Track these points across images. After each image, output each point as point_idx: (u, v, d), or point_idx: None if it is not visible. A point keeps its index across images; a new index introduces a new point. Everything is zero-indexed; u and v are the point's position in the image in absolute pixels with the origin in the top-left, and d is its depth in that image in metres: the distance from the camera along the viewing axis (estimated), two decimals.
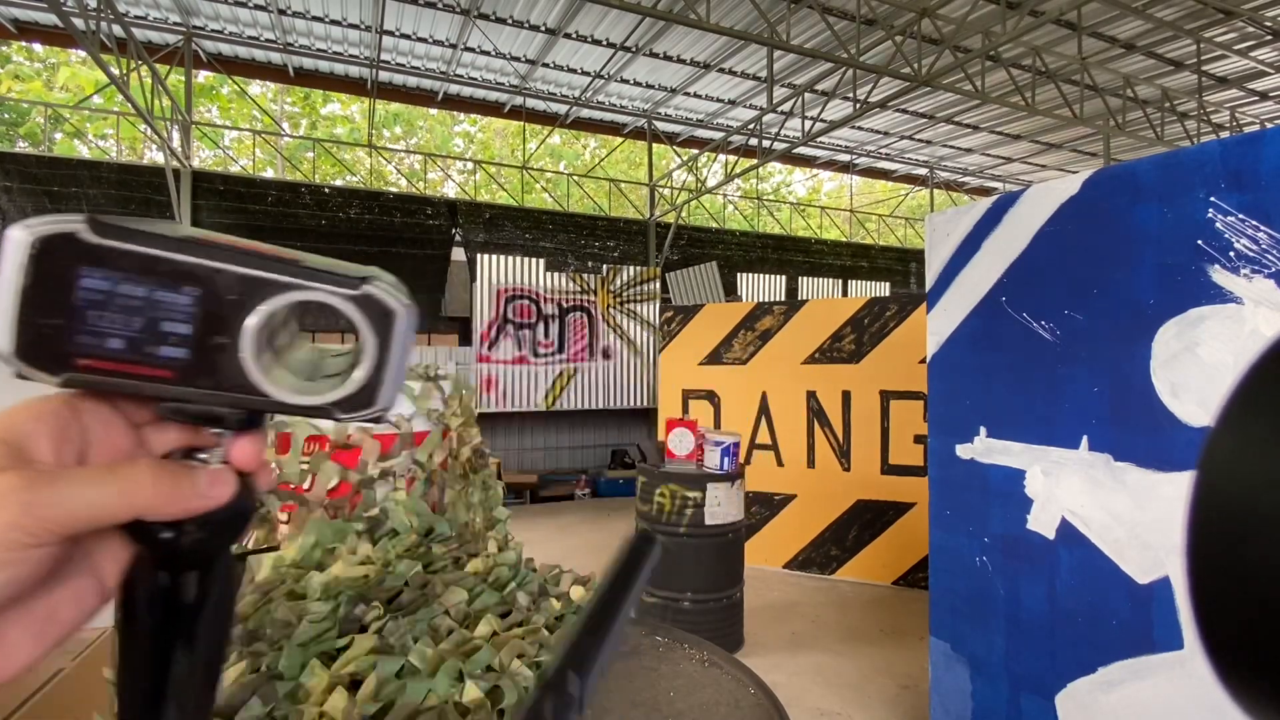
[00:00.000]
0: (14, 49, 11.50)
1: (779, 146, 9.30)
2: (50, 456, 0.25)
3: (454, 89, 8.86)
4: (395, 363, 0.28)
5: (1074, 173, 2.16)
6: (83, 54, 8.87)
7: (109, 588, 0.28)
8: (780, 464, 5.37)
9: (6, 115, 11.57)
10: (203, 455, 0.28)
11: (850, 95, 7.78)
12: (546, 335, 8.50)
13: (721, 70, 8.15)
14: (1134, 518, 1.94)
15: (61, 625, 0.26)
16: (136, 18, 7.06)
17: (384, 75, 8.39)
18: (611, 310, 8.65)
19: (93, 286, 0.25)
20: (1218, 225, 1.77)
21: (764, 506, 5.40)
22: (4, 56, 11.71)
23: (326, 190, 8.12)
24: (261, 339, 0.27)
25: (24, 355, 0.24)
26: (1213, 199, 1.78)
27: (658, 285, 8.78)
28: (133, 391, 0.26)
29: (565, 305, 8.64)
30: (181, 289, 0.26)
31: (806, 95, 8.56)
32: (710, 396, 5.70)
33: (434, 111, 13.52)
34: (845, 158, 11.72)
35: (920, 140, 10.66)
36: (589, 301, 8.72)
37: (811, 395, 5.27)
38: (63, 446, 0.26)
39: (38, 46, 10.64)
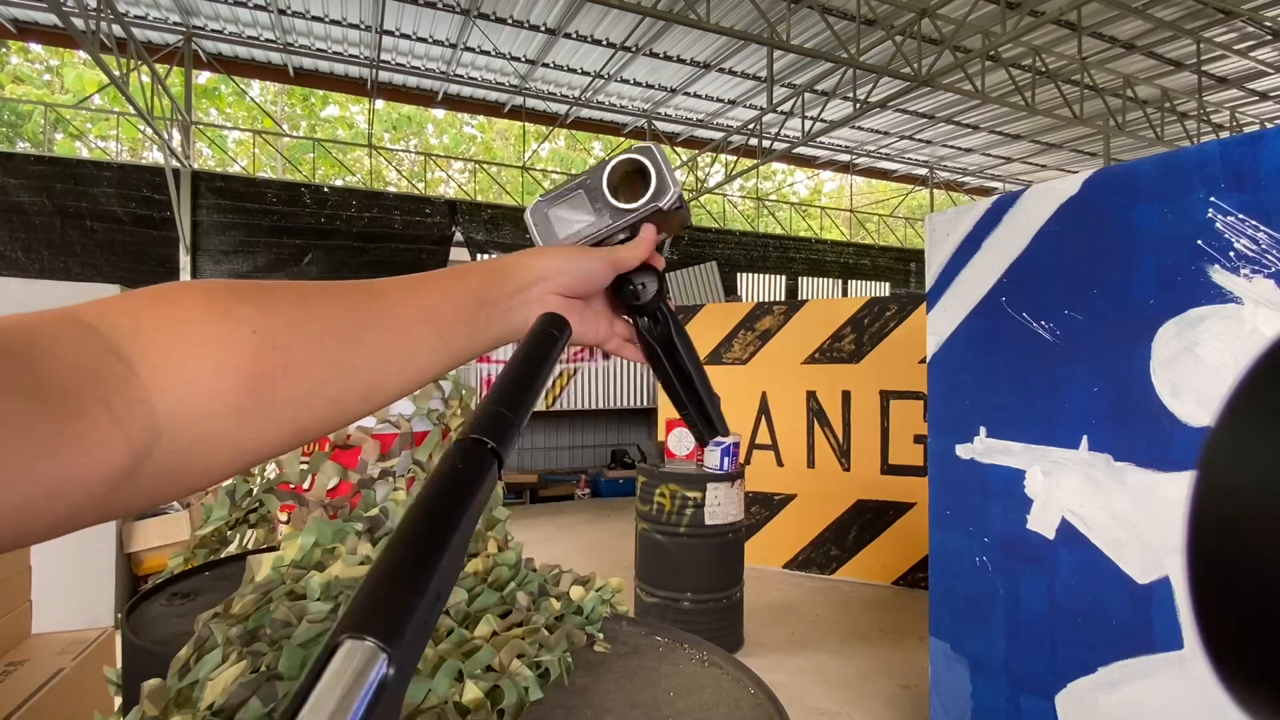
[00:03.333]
0: (14, 49, 11.50)
1: (779, 146, 9.30)
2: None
3: (454, 89, 8.86)
4: (662, 170, 0.52)
5: (1074, 173, 2.16)
6: (85, 56, 8.87)
7: (600, 337, 0.55)
8: (780, 464, 5.37)
9: (7, 117, 11.57)
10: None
11: (850, 95, 7.79)
12: None
13: (721, 70, 8.15)
14: (1134, 518, 1.94)
15: (588, 333, 0.54)
16: (136, 18, 7.06)
17: (384, 75, 8.39)
18: None
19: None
20: (1218, 225, 1.77)
21: (764, 506, 5.40)
22: (2, 58, 11.71)
23: (326, 190, 8.12)
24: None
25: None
26: (1213, 199, 1.78)
27: None
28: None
29: None
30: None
31: (806, 95, 8.57)
32: None
33: (440, 114, 13.53)
34: (845, 158, 11.72)
35: (920, 140, 10.66)
36: None
37: (811, 395, 5.27)
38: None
39: (37, 47, 10.64)
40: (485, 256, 8.59)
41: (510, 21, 7.04)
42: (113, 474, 0.27)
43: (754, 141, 9.32)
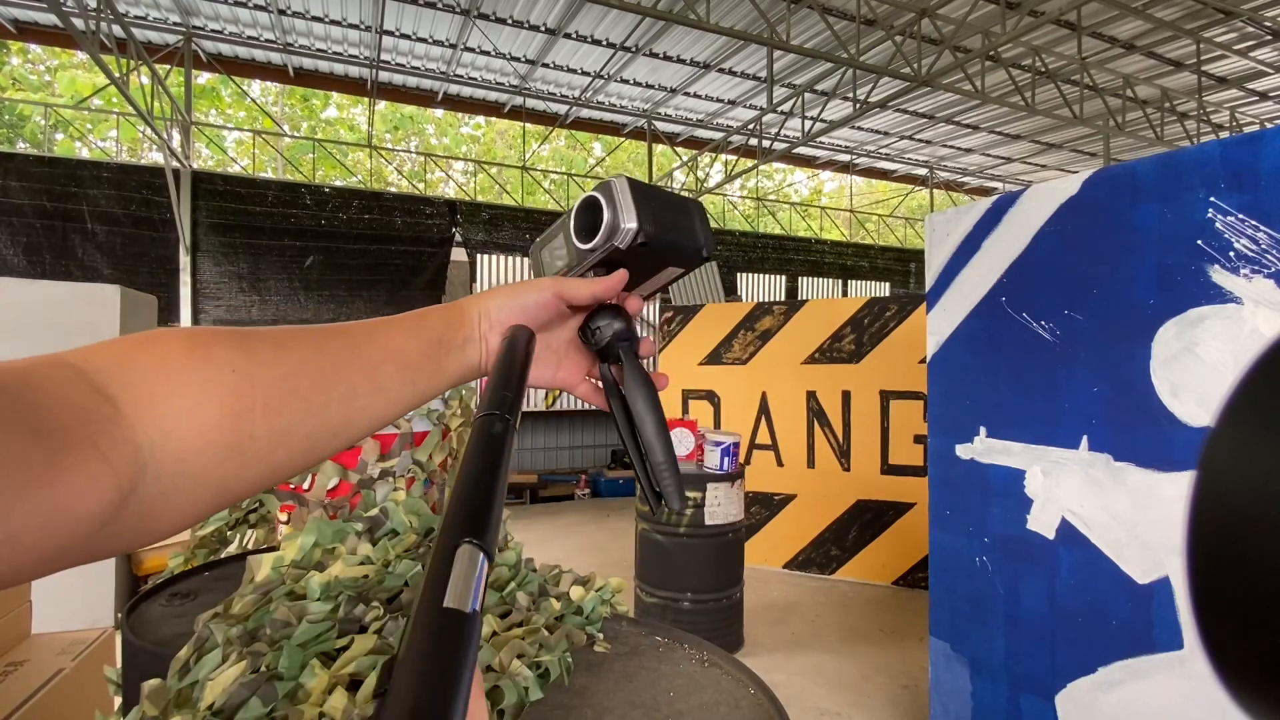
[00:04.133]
0: (14, 51, 11.50)
1: (779, 146, 9.30)
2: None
3: (454, 89, 8.86)
4: (616, 208, 0.49)
5: (1074, 173, 2.16)
6: (82, 58, 8.86)
7: (562, 379, 0.55)
8: (780, 464, 5.37)
9: (7, 118, 11.58)
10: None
11: (850, 95, 7.79)
12: None
13: (721, 70, 8.15)
14: (1134, 518, 1.94)
15: (542, 374, 0.55)
16: (136, 18, 7.06)
17: (384, 75, 8.39)
18: None
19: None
20: (1218, 225, 1.77)
21: (764, 506, 5.40)
22: (2, 59, 11.71)
23: (326, 190, 8.11)
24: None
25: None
26: (1213, 199, 1.78)
27: None
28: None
29: None
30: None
31: (806, 95, 8.56)
32: (710, 396, 5.70)
33: (439, 114, 13.53)
34: (845, 158, 11.72)
35: (920, 140, 10.66)
36: None
37: (811, 395, 5.27)
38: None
39: (36, 48, 10.64)
40: (485, 257, 8.60)
41: (510, 21, 7.04)
42: (100, 508, 0.28)
43: (754, 141, 9.32)
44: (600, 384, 0.56)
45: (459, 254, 8.61)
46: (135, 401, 0.31)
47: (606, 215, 0.49)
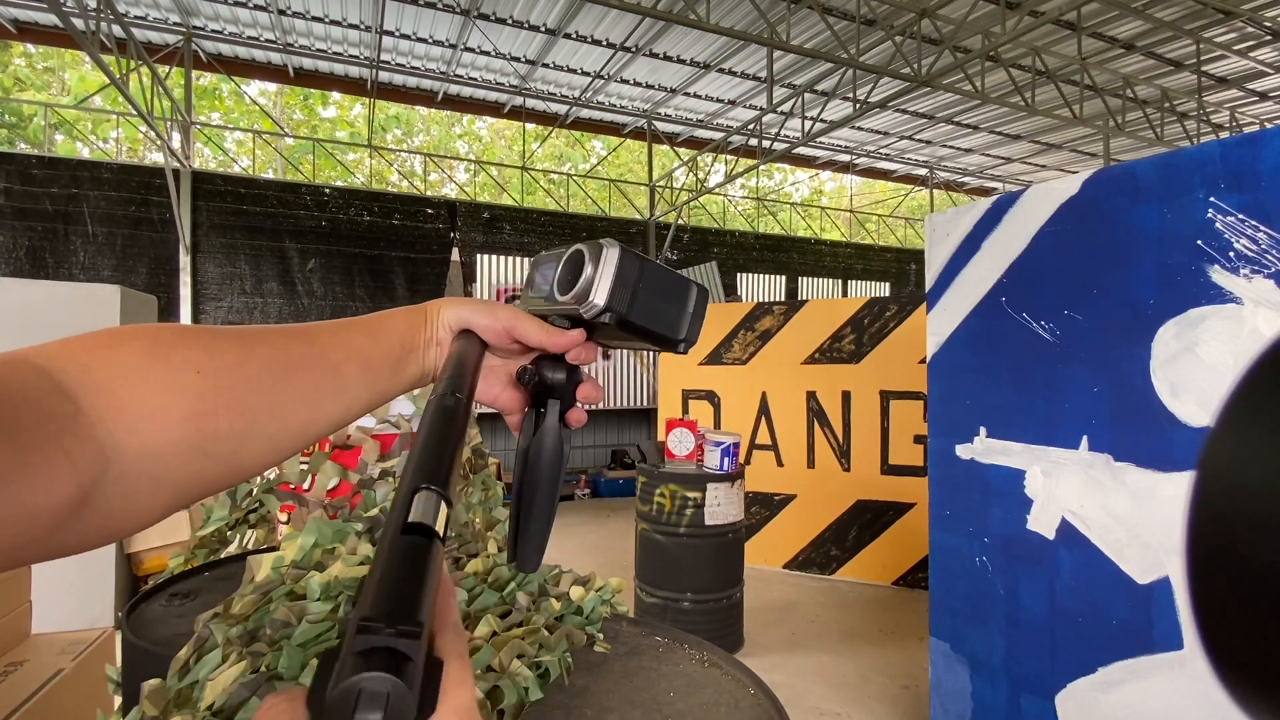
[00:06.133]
0: (18, 53, 11.50)
1: (779, 146, 9.30)
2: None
3: (454, 89, 8.86)
4: (595, 276, 0.46)
5: (1074, 173, 2.16)
6: (83, 58, 8.83)
7: (502, 404, 0.54)
8: (780, 464, 5.37)
9: (7, 118, 11.57)
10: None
11: (850, 95, 7.78)
12: None
13: (721, 70, 8.15)
14: (1134, 518, 1.94)
15: (484, 390, 0.53)
16: (136, 18, 7.06)
17: (384, 75, 8.39)
18: None
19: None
20: (1218, 225, 1.77)
21: (764, 506, 5.40)
22: (4, 59, 11.70)
23: (326, 191, 8.11)
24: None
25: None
26: (1213, 199, 1.78)
27: None
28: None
29: None
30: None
31: (806, 95, 8.56)
32: (710, 396, 5.70)
33: (431, 113, 13.52)
34: (845, 158, 11.71)
35: (920, 140, 10.66)
36: None
37: (811, 395, 5.27)
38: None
39: (32, 48, 10.63)
40: (485, 257, 8.60)
41: (510, 22, 7.04)
42: (61, 505, 0.28)
43: (754, 142, 9.32)
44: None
45: (458, 254, 8.61)
46: (97, 402, 0.31)
47: (581, 279, 0.46)
